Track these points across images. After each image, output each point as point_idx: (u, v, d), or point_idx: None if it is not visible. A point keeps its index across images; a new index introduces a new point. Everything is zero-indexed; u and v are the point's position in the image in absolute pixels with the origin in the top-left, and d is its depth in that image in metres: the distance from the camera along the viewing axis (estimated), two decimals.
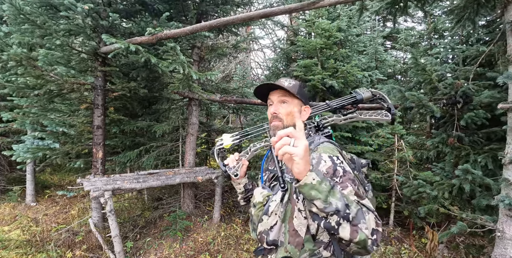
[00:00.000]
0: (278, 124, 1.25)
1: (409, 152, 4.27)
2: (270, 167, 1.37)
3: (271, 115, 1.28)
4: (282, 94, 1.28)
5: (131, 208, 5.00)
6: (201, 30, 2.85)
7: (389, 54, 6.51)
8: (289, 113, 1.25)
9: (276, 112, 1.26)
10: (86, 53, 3.98)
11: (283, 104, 1.27)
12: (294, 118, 1.25)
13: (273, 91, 1.31)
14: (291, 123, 1.24)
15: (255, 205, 1.21)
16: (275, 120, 1.26)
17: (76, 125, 4.23)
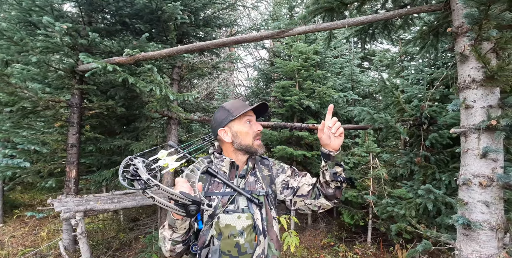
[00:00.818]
0: (261, 142, 1.36)
1: (383, 169, 4.40)
2: (215, 190, 1.26)
3: (255, 133, 1.32)
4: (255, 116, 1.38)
5: (105, 229, 4.83)
6: (178, 53, 2.93)
7: (366, 74, 6.81)
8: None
9: (260, 130, 1.35)
10: (63, 71, 3.97)
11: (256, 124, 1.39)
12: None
13: (249, 111, 1.33)
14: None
15: (242, 232, 1.14)
16: (259, 138, 1.34)
17: (49, 144, 4.13)
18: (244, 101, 1.41)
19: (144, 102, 4.93)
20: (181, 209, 0.95)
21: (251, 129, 1.31)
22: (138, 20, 4.34)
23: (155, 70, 3.21)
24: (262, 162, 1.43)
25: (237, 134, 1.30)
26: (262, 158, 1.45)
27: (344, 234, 5.01)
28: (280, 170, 1.40)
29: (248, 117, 1.33)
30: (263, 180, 1.34)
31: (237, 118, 1.30)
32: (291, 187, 1.35)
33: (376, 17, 2.29)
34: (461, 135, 2.05)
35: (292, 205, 1.37)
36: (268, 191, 1.31)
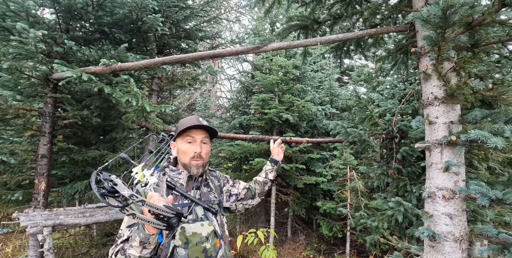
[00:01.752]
0: (200, 163, 1.38)
1: (360, 181, 4.49)
2: (175, 202, 1.29)
3: (194, 153, 1.35)
4: (204, 134, 1.41)
5: (76, 245, 4.59)
6: (155, 65, 2.93)
7: (345, 88, 7.02)
8: (207, 153, 1.43)
9: (201, 152, 1.37)
10: (37, 78, 3.86)
11: (204, 145, 1.41)
12: (208, 156, 1.47)
13: (195, 129, 1.38)
14: (207, 161, 1.45)
15: (207, 238, 1.25)
16: (197, 159, 1.37)
17: (18, 154, 3.94)
18: (197, 119, 1.40)
19: (122, 113, 4.84)
20: (162, 223, 0.98)
21: (189, 149, 1.36)
22: (118, 29, 4.32)
23: (132, 81, 3.19)
24: (211, 173, 1.56)
25: (179, 151, 1.40)
26: (210, 170, 1.59)
27: (323, 246, 5.02)
28: (225, 181, 1.60)
29: (190, 137, 1.37)
30: (215, 189, 1.48)
31: (180, 136, 1.39)
32: (234, 194, 1.58)
33: (346, 36, 2.40)
34: (426, 149, 2.14)
35: (236, 209, 1.59)
36: (220, 199, 1.48)
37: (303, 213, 5.01)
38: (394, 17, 2.84)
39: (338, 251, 4.90)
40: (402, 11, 2.31)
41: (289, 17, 2.42)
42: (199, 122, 1.36)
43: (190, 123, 1.35)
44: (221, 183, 1.56)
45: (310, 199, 5.32)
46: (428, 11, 1.68)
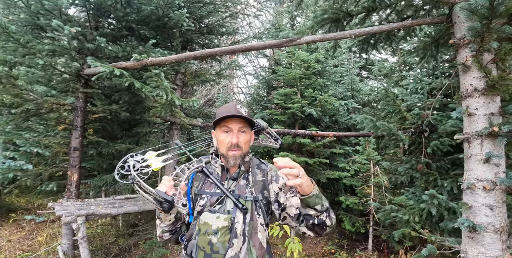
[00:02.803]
0: (237, 153, 1.28)
1: (384, 177, 4.45)
2: (207, 189, 1.32)
3: (230, 144, 1.27)
4: (241, 123, 1.30)
5: (104, 235, 4.76)
6: (186, 59, 2.99)
7: (365, 83, 6.94)
8: (247, 143, 1.32)
9: (238, 142, 1.28)
10: (69, 74, 4.00)
11: (242, 134, 1.31)
12: (248, 146, 1.35)
13: (231, 118, 1.29)
14: (246, 151, 1.33)
15: (216, 232, 1.17)
16: (234, 150, 1.28)
17: (51, 146, 4.11)
18: (233, 107, 1.30)
19: (147, 108, 4.96)
20: (157, 204, 1.05)
21: (226, 138, 1.29)
22: (144, 26, 4.41)
23: (162, 76, 3.27)
24: (259, 166, 1.40)
25: (217, 140, 1.34)
26: (260, 161, 1.44)
27: (345, 242, 5.00)
28: (274, 178, 1.35)
29: (226, 127, 1.29)
30: (254, 184, 1.32)
31: (217, 125, 1.32)
32: (279, 201, 1.28)
33: (381, 28, 2.39)
34: (465, 141, 2.12)
35: (281, 220, 1.29)
36: (258, 196, 1.29)
37: None
38: (426, 9, 2.79)
39: (360, 246, 4.87)
40: (440, 2, 2.28)
41: (323, 9, 2.42)
42: (235, 111, 1.27)
43: (225, 112, 1.27)
44: (267, 178, 1.35)
45: (332, 194, 5.31)
46: (476, 1, 1.66)
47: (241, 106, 1.33)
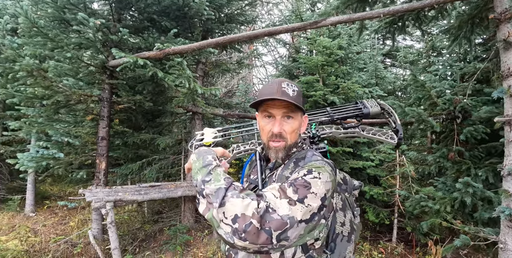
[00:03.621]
0: (280, 145, 1.05)
1: (411, 167, 4.28)
2: (252, 175, 1.19)
3: (271, 133, 1.04)
4: (287, 107, 1.02)
5: (130, 221, 4.95)
6: (208, 46, 2.98)
7: (389, 71, 6.67)
8: (294, 131, 1.06)
9: (281, 131, 1.04)
10: (95, 66, 4.11)
11: (288, 120, 1.04)
12: (297, 135, 1.08)
13: (273, 101, 1.02)
14: (294, 141, 1.08)
15: None
16: (277, 140, 1.05)
17: (80, 136, 4.28)
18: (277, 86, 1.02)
19: (169, 98, 5.04)
20: None
21: (267, 126, 1.05)
22: (165, 17, 4.44)
23: (185, 64, 3.28)
24: (298, 160, 1.08)
25: (259, 126, 1.11)
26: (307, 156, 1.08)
27: (368, 233, 4.91)
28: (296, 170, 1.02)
29: (267, 112, 1.05)
30: (278, 180, 1.06)
31: (259, 107, 1.08)
32: None
33: (412, 5, 2.25)
34: (505, 124, 1.97)
35: None
36: None
37: None
38: None
39: (384, 238, 4.76)
40: None
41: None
42: (279, 92, 1.00)
43: (267, 93, 1.01)
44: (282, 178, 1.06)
45: None
46: None
47: (289, 84, 1.04)
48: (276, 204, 0.80)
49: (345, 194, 1.18)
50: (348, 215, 1.15)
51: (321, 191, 0.87)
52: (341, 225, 1.09)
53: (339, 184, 1.18)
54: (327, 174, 0.92)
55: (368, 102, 1.35)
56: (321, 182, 0.89)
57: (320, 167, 0.95)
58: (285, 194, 0.83)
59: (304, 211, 0.81)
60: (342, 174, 1.24)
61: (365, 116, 1.33)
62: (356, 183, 1.27)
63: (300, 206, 0.81)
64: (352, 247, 1.14)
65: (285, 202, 0.81)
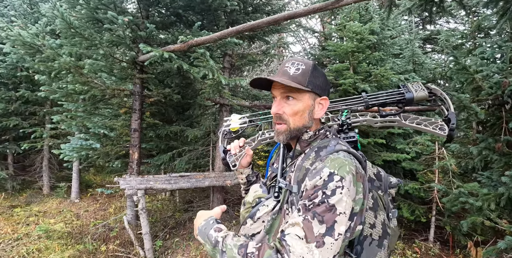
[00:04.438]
0: (281, 128, 0.98)
1: (452, 160, 3.92)
2: (275, 164, 1.13)
3: (273, 115, 0.99)
4: (286, 87, 0.94)
5: (163, 209, 5.20)
6: (229, 35, 2.95)
7: (430, 57, 6.13)
8: (296, 113, 0.95)
9: (279, 112, 0.97)
10: (126, 62, 4.31)
11: (289, 101, 0.96)
12: (303, 119, 0.97)
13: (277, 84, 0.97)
14: (300, 125, 0.97)
15: (244, 204, 1.08)
16: (278, 123, 0.99)
17: (116, 128, 4.55)
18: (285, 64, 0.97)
19: (198, 91, 5.16)
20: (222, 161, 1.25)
21: (271, 108, 0.99)
22: (190, 11, 4.50)
23: (207, 54, 3.30)
24: (320, 149, 0.95)
25: None
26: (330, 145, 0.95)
27: (402, 231, 4.62)
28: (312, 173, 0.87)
29: (272, 94, 1.00)
30: (297, 170, 0.95)
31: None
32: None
33: None
34: None
35: None
36: (293, 187, 0.93)
37: None
38: None
39: (420, 237, 4.44)
40: None
41: None
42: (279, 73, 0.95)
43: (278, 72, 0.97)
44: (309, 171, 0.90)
45: None
46: None
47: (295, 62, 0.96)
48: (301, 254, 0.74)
49: (378, 192, 1.04)
50: (381, 217, 1.00)
51: (348, 205, 0.79)
52: (370, 227, 0.96)
53: (371, 179, 1.05)
54: (350, 176, 0.81)
55: (412, 86, 1.15)
56: (345, 192, 0.79)
57: (342, 165, 0.83)
58: (311, 232, 0.76)
59: (335, 246, 0.76)
60: (376, 168, 1.11)
61: (408, 103, 1.13)
62: (393, 180, 1.12)
63: (330, 243, 0.75)
64: (385, 254, 0.99)
65: (313, 247, 0.74)
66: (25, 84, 6.07)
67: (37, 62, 3.65)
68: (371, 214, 0.98)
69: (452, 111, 1.08)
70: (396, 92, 1.16)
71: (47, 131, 5.96)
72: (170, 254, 3.69)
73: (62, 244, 3.74)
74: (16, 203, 5.56)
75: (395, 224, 1.09)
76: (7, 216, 4.88)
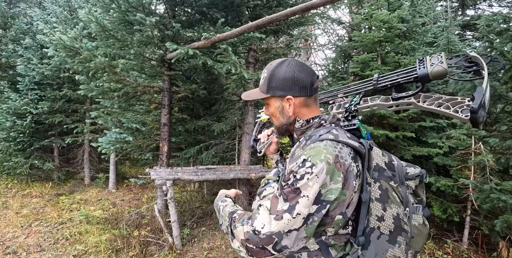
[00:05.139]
0: (274, 127, 1.18)
1: (489, 155, 3.63)
2: None
3: None
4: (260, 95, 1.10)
5: (191, 200, 5.45)
6: (249, 30, 3.00)
7: (469, 45, 5.67)
8: (272, 115, 1.10)
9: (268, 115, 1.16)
10: (155, 60, 4.54)
11: (267, 107, 1.12)
12: (279, 119, 1.08)
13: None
14: (279, 124, 1.10)
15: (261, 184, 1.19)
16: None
17: (147, 123, 4.83)
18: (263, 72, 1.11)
19: (224, 87, 5.29)
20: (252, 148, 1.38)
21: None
22: (214, 8, 4.60)
23: (230, 50, 3.38)
24: (309, 137, 0.97)
25: None
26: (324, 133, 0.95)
27: (432, 230, 4.39)
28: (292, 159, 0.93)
29: None
30: (290, 157, 0.99)
31: None
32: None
33: None
34: None
35: None
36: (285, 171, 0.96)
37: None
38: None
39: (452, 238, 4.17)
40: None
41: None
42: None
43: None
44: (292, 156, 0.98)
45: None
46: None
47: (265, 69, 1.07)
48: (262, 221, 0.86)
49: (389, 183, 0.97)
50: (392, 210, 0.94)
51: (313, 190, 0.83)
52: (377, 220, 0.92)
53: (380, 168, 0.99)
54: (323, 164, 0.83)
55: (431, 59, 0.93)
56: (312, 178, 0.83)
57: (318, 153, 0.86)
58: (275, 206, 0.87)
59: (291, 222, 0.84)
60: (388, 157, 1.04)
61: (422, 80, 0.93)
62: (411, 171, 1.04)
63: (287, 219, 0.84)
64: (401, 253, 0.94)
65: (272, 219, 0.85)
66: (67, 84, 6.64)
67: (76, 63, 3.98)
68: (379, 206, 0.93)
69: (483, 87, 0.83)
70: (410, 70, 1.01)
71: (87, 127, 6.49)
72: (196, 242, 3.87)
73: (100, 229, 4.12)
74: (61, 192, 6.18)
75: (420, 222, 1.01)
76: (53, 202, 5.45)
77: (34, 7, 7.92)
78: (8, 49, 7.29)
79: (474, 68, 0.91)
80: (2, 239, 4.00)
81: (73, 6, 6.52)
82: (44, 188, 6.30)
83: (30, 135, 6.40)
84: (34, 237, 4.07)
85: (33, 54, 6.45)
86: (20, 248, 3.77)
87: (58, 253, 3.66)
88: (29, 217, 4.76)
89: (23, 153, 6.45)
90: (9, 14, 7.54)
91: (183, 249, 3.69)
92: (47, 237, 4.09)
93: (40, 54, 6.48)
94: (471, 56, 0.93)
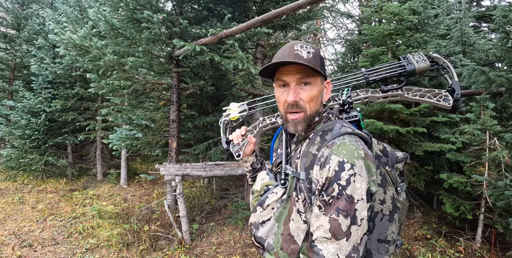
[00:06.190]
0: (300, 117, 0.93)
1: (504, 151, 3.52)
2: (279, 149, 1.12)
3: (287, 104, 0.93)
4: (302, 72, 0.90)
5: (200, 196, 5.51)
6: (255, 25, 2.98)
7: (484, 37, 5.48)
8: (313, 99, 0.92)
9: (296, 100, 0.92)
10: (163, 57, 4.57)
11: (305, 87, 0.92)
12: (317, 104, 0.95)
13: (285, 66, 0.92)
14: (314, 111, 0.95)
15: (253, 192, 1.08)
16: (294, 111, 0.93)
17: (156, 120, 4.89)
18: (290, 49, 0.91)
19: (232, 83, 5.29)
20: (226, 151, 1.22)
21: (281, 96, 0.95)
22: (221, 4, 4.59)
23: (237, 45, 3.37)
24: (324, 133, 0.94)
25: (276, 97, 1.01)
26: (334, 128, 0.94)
27: (445, 228, 4.30)
28: (320, 161, 0.87)
29: (281, 81, 0.95)
30: (303, 157, 0.94)
31: (274, 77, 0.98)
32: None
33: None
34: None
35: None
36: (300, 174, 0.92)
37: (421, 186, 4.36)
38: None
39: (465, 236, 4.06)
40: None
41: None
42: (291, 54, 0.88)
43: (278, 57, 0.93)
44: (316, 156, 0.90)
45: (432, 171, 4.56)
46: None
47: (303, 46, 0.91)
48: (336, 252, 0.81)
49: (385, 168, 1.04)
50: (390, 192, 1.01)
51: (363, 190, 0.82)
52: (380, 203, 0.97)
53: (378, 156, 1.04)
54: (359, 161, 0.82)
55: (413, 57, 1.14)
56: (358, 179, 0.81)
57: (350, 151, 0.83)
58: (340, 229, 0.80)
59: (360, 230, 0.82)
60: (382, 144, 1.09)
61: (410, 75, 1.12)
62: (399, 155, 1.11)
63: (355, 230, 0.81)
64: (396, 227, 1.01)
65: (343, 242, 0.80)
66: (79, 82, 6.79)
67: (86, 61, 4.05)
68: (381, 191, 0.99)
69: (456, 80, 1.06)
70: (397, 65, 1.14)
71: (99, 124, 6.63)
72: (205, 237, 3.92)
73: (111, 223, 4.23)
74: (75, 187, 6.37)
75: (404, 197, 1.09)
76: (67, 198, 5.62)
77: (45, 7, 8.10)
78: (22, 50, 7.50)
79: (436, 67, 1.14)
80: (19, 233, 4.15)
81: (83, 6, 6.63)
82: (59, 183, 6.49)
83: (44, 132, 6.59)
84: (49, 231, 4.21)
85: (46, 54, 6.61)
86: (35, 241, 3.91)
87: (71, 246, 3.77)
88: (44, 211, 4.92)
89: (38, 150, 6.65)
90: (22, 15, 7.73)
91: (192, 243, 3.74)
92: (61, 231, 4.22)
93: (52, 54, 6.63)
94: (433, 57, 1.14)
